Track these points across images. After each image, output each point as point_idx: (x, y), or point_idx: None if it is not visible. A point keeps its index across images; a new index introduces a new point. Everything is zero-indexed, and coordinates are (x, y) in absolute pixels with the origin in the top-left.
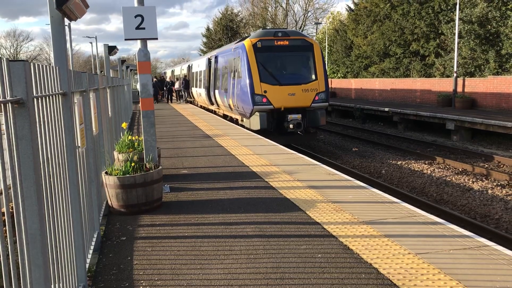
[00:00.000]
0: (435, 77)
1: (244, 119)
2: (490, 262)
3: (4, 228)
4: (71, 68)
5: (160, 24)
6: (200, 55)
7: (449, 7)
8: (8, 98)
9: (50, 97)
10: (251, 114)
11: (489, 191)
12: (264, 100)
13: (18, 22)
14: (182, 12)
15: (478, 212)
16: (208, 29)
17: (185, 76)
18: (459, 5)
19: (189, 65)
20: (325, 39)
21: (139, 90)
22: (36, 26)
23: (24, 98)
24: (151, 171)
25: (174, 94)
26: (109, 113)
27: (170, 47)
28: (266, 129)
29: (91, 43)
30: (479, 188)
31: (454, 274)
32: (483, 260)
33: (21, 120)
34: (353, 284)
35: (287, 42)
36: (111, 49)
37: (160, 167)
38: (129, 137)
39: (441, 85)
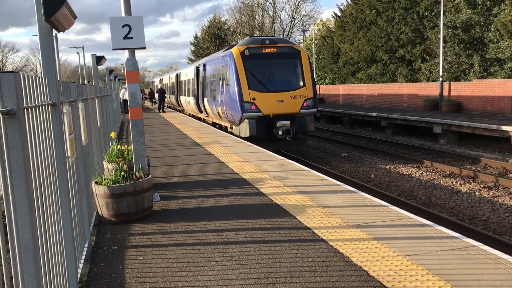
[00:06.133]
0: (422, 81)
1: (234, 126)
2: (477, 261)
3: None
4: (59, 79)
5: (150, 33)
6: (188, 63)
7: (433, 13)
8: None
9: (40, 107)
10: (240, 122)
11: (477, 193)
12: (253, 107)
13: (7, 32)
14: (173, 21)
15: (466, 214)
16: (196, 37)
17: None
18: (444, 10)
19: (177, 74)
20: (312, 46)
21: (127, 99)
22: (24, 36)
23: (14, 109)
24: (141, 180)
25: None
26: (98, 122)
27: (160, 56)
28: (255, 136)
29: (78, 53)
30: (466, 190)
31: (442, 274)
32: (470, 260)
33: (12, 130)
34: (344, 287)
35: (274, 50)
36: (99, 59)
37: (150, 175)
38: (118, 147)
39: (428, 89)
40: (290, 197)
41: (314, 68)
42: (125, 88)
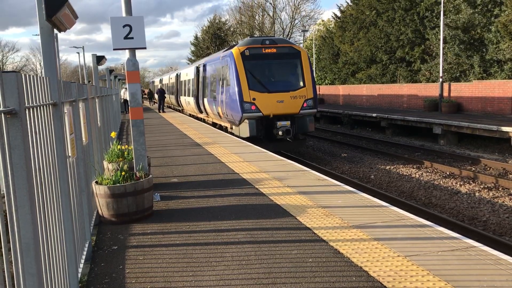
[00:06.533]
0: (421, 82)
1: (234, 126)
2: (478, 262)
3: None
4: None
5: (151, 33)
6: (188, 63)
7: (434, 13)
8: (1, 108)
9: (41, 107)
10: (240, 122)
11: (476, 194)
12: (253, 107)
13: (7, 32)
14: (173, 21)
15: (466, 214)
16: (196, 37)
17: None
18: (444, 11)
19: (177, 74)
20: (312, 46)
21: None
22: (24, 36)
23: (16, 109)
24: (142, 180)
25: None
26: (98, 122)
27: (160, 56)
28: (255, 137)
29: (78, 53)
30: (466, 191)
31: (443, 275)
32: (471, 261)
33: (14, 130)
34: (344, 287)
35: (274, 50)
36: (100, 59)
37: (150, 175)
38: (119, 147)
39: (428, 90)
40: (290, 198)
41: (314, 69)
42: (126, 88)
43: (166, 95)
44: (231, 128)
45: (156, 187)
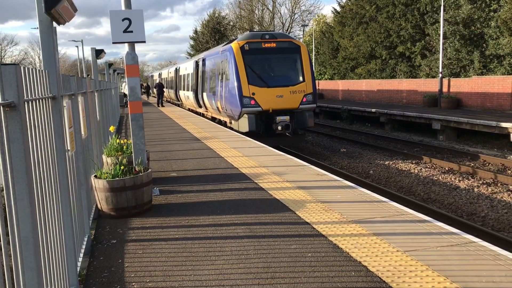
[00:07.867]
0: (421, 77)
1: (233, 121)
2: (477, 258)
3: None
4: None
5: (150, 27)
6: (187, 58)
7: (434, 9)
8: (0, 101)
9: (41, 100)
10: (240, 117)
11: (475, 190)
12: (252, 102)
13: (6, 25)
14: (174, 15)
15: (465, 210)
16: (195, 31)
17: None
18: (444, 6)
19: (176, 68)
20: (312, 41)
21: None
22: (23, 30)
23: (15, 102)
24: (141, 174)
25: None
26: (97, 116)
27: (159, 50)
28: (254, 131)
29: (77, 46)
30: (465, 187)
31: (442, 270)
32: (470, 256)
33: (13, 123)
34: (343, 282)
35: (274, 44)
36: (99, 53)
37: (150, 170)
38: (118, 141)
39: (427, 85)
40: (289, 192)
41: (313, 63)
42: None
43: (165, 89)
44: (230, 122)
45: (155, 182)
